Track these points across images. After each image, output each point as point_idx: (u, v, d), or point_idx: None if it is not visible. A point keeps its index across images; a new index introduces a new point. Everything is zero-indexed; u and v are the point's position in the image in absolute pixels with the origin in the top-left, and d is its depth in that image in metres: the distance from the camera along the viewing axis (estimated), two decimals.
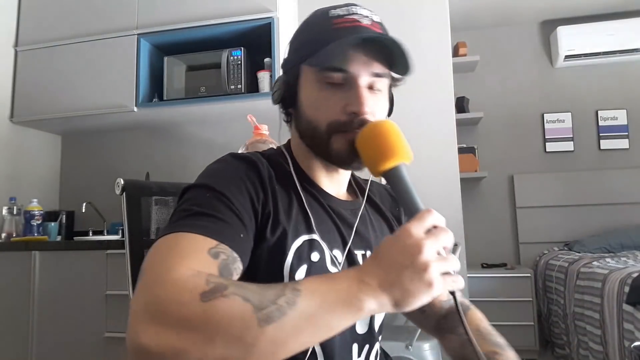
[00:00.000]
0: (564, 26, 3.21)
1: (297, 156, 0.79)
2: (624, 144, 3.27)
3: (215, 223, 0.60)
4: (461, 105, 3.21)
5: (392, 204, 0.91)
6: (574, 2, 3.16)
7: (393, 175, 0.62)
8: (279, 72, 2.13)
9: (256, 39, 2.22)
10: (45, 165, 2.67)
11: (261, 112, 2.26)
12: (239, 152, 0.77)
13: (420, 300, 0.50)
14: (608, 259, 2.49)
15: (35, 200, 2.34)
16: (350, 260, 0.76)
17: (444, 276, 0.51)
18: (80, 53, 2.35)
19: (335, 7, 0.73)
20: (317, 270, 0.70)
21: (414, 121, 2.32)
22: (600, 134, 3.30)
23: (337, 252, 0.75)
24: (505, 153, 3.40)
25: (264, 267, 0.68)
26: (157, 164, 2.61)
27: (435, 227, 0.54)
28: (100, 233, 2.52)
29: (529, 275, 2.88)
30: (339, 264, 0.74)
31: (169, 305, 0.47)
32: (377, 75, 0.71)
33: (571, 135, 3.33)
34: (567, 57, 3.23)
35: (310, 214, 0.73)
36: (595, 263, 2.37)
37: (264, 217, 0.68)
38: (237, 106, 2.24)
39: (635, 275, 1.85)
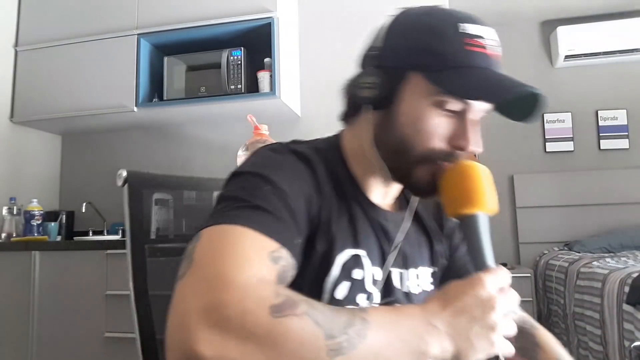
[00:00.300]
0: (564, 26, 3.21)
1: (351, 157, 0.71)
2: (624, 144, 3.27)
3: (275, 223, 0.54)
4: None
5: (436, 213, 0.82)
6: (574, 2, 3.16)
7: (470, 223, 0.59)
8: (279, 72, 2.14)
9: (256, 39, 2.22)
10: (45, 165, 2.67)
11: (261, 112, 2.27)
12: (275, 143, 0.69)
13: (478, 357, 0.49)
14: (608, 259, 2.48)
15: (35, 200, 2.34)
16: (387, 279, 0.70)
17: (501, 341, 0.51)
18: (80, 53, 2.35)
19: (463, 18, 0.64)
20: (357, 289, 0.65)
21: None
22: (600, 134, 3.30)
23: (376, 270, 0.69)
24: (505, 153, 3.39)
25: (305, 278, 0.62)
26: (157, 164, 2.61)
27: (507, 288, 0.53)
28: (100, 233, 2.52)
29: (529, 275, 2.87)
30: (377, 283, 0.69)
31: (234, 313, 0.42)
32: (491, 110, 0.65)
33: (571, 135, 3.32)
34: (567, 57, 3.22)
35: (357, 226, 0.67)
36: (595, 263, 2.37)
37: (316, 224, 0.63)
38: (237, 106, 2.24)
39: (635, 275, 1.85)
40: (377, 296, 0.68)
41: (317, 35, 2.51)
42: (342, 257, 0.65)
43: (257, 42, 2.22)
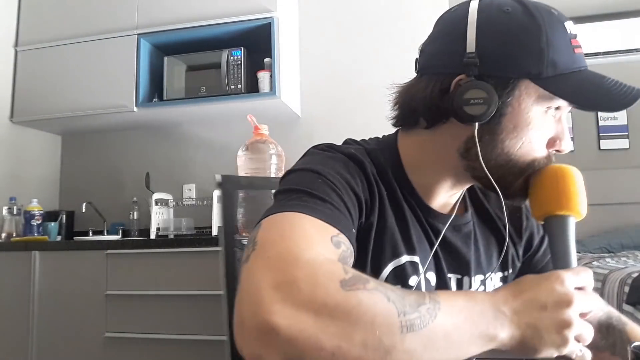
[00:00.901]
0: None
1: (411, 162, 0.68)
2: (624, 144, 3.27)
3: (333, 211, 0.54)
4: None
5: (514, 214, 0.77)
6: (574, 2, 3.16)
7: (560, 225, 0.57)
8: (279, 72, 2.14)
9: (256, 39, 2.22)
10: (45, 165, 2.67)
11: (261, 112, 2.27)
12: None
13: (544, 353, 0.48)
14: (608, 259, 2.49)
15: (35, 200, 2.34)
16: (443, 285, 0.68)
17: (575, 341, 0.49)
18: (80, 53, 2.35)
19: (563, 16, 0.60)
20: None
21: None
22: (600, 134, 3.30)
23: (430, 275, 0.67)
24: None
25: None
26: (157, 164, 2.61)
27: (583, 288, 0.51)
28: (100, 233, 2.52)
29: None
30: (432, 288, 0.67)
31: (305, 286, 0.41)
32: None
33: (571, 135, 3.33)
34: None
35: (411, 232, 0.66)
36: (595, 263, 2.37)
37: (368, 225, 0.62)
38: (237, 106, 2.24)
39: (635, 275, 1.85)
40: None
41: (317, 35, 2.51)
42: (393, 263, 0.64)
43: (257, 42, 2.22)
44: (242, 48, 2.20)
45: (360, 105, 2.42)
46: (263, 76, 2.20)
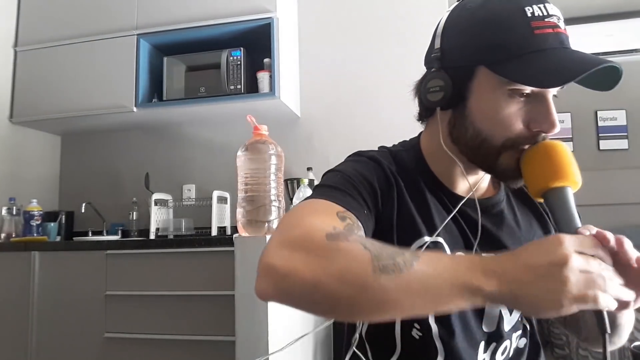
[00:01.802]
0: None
1: (429, 156, 0.76)
2: (623, 144, 3.27)
3: (345, 196, 0.64)
4: None
5: None
6: (574, 2, 3.16)
7: (560, 195, 0.58)
8: (279, 72, 2.14)
9: (256, 39, 2.22)
10: (45, 165, 2.67)
11: (261, 112, 2.27)
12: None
13: (544, 314, 0.48)
14: None
15: (34, 200, 2.34)
16: None
17: (586, 296, 0.46)
18: (80, 53, 2.35)
19: (527, 0, 0.62)
20: None
21: (414, 121, 2.32)
22: (600, 134, 3.30)
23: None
24: None
25: None
26: (157, 164, 2.61)
27: (592, 255, 0.49)
28: (100, 233, 2.52)
29: None
30: None
31: (299, 237, 0.53)
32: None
33: (570, 136, 3.32)
34: None
35: (434, 216, 0.71)
36: None
37: (388, 213, 0.69)
38: (237, 106, 2.24)
39: None
40: None
41: (317, 36, 2.51)
42: (416, 244, 0.69)
43: (256, 42, 2.22)
44: (242, 48, 2.20)
45: (360, 106, 2.43)
46: (263, 76, 2.20)
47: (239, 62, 2.18)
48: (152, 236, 2.26)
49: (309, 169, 2.28)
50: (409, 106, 2.69)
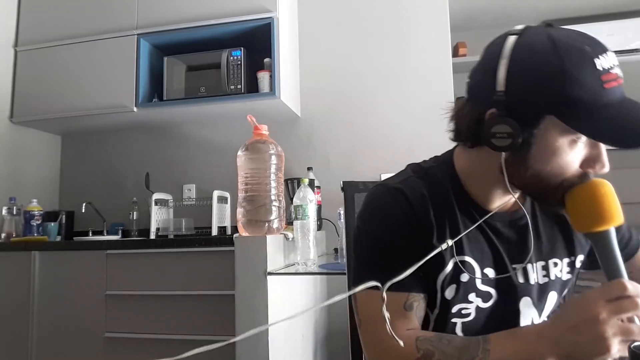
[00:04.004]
0: (563, 26, 3.21)
1: (466, 175, 0.77)
2: None
3: (395, 274, 0.65)
4: None
5: None
6: (574, 2, 3.16)
7: (603, 238, 0.63)
8: (279, 72, 2.14)
9: (256, 39, 2.22)
10: (45, 165, 2.67)
11: (261, 112, 2.27)
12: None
13: None
14: None
15: (35, 200, 2.34)
16: (506, 277, 0.76)
17: (623, 342, 0.54)
18: (80, 53, 2.35)
19: (595, 51, 0.62)
20: (467, 289, 0.74)
21: (414, 121, 2.32)
22: None
23: (488, 270, 0.76)
24: None
25: (425, 278, 0.74)
26: (157, 164, 2.61)
27: (624, 297, 0.55)
28: (100, 233, 2.52)
29: None
30: (491, 282, 0.76)
31: None
32: None
33: None
34: None
35: (463, 236, 0.74)
36: None
37: (424, 246, 0.72)
38: (237, 106, 2.24)
39: None
40: (493, 293, 0.76)
41: (317, 35, 2.51)
42: (449, 264, 0.73)
43: (257, 42, 2.22)
44: (242, 48, 2.20)
45: (360, 106, 2.42)
46: (263, 76, 2.20)
47: (239, 62, 2.18)
48: (152, 236, 2.26)
49: (309, 168, 2.28)
50: (409, 106, 2.71)
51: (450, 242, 0.70)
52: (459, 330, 0.76)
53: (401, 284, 0.63)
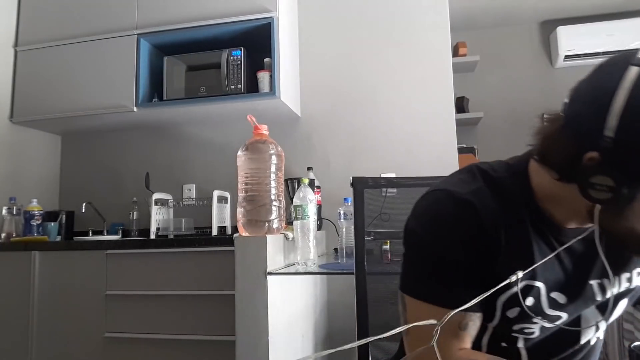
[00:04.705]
0: (563, 26, 3.21)
1: (544, 195, 0.68)
2: None
3: (458, 293, 0.63)
4: (461, 105, 3.21)
5: None
6: (573, 2, 3.16)
7: None
8: (279, 72, 2.14)
9: (256, 39, 2.22)
10: (45, 165, 2.67)
11: (261, 112, 2.27)
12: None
13: None
14: None
15: (35, 200, 2.34)
16: (582, 293, 0.70)
17: None
18: (80, 53, 2.35)
19: None
20: (532, 312, 0.68)
21: (414, 121, 2.32)
22: None
23: (557, 295, 0.70)
24: (505, 153, 3.36)
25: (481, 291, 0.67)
26: (157, 164, 2.61)
27: None
28: (100, 233, 2.52)
29: None
30: (561, 305, 0.70)
31: None
32: None
33: None
34: (566, 57, 3.22)
35: (535, 255, 0.67)
36: None
37: (489, 263, 0.66)
38: (237, 106, 2.24)
39: None
40: (564, 316, 0.71)
41: (317, 35, 2.51)
42: (515, 286, 0.67)
43: (257, 42, 2.22)
44: (242, 48, 2.20)
45: (360, 106, 2.43)
46: (263, 76, 2.20)
47: (239, 62, 2.18)
48: (152, 236, 2.26)
49: (309, 168, 2.28)
50: (409, 106, 2.71)
51: (520, 274, 0.62)
52: (521, 343, 0.72)
53: (458, 302, 0.58)
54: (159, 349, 1.77)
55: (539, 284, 0.68)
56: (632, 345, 0.53)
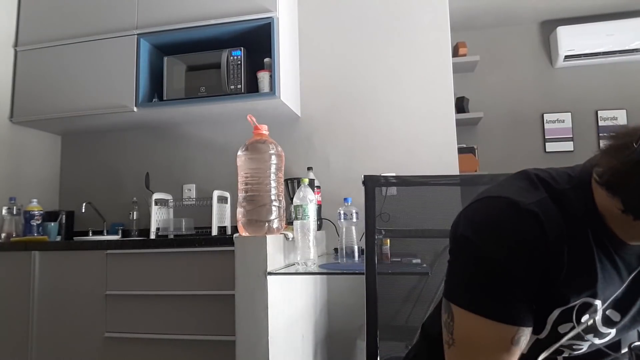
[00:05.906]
0: (563, 26, 3.21)
1: (610, 216, 0.65)
2: None
3: (508, 307, 0.62)
4: (461, 105, 3.21)
5: None
6: (574, 2, 3.16)
7: None
8: (279, 72, 2.14)
9: (256, 39, 2.22)
10: (45, 165, 2.67)
11: (261, 112, 2.27)
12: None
13: None
14: None
15: (35, 200, 2.34)
16: (629, 312, 0.69)
17: None
18: (80, 53, 2.35)
19: None
20: (585, 330, 0.67)
21: (414, 121, 2.32)
22: (600, 134, 3.30)
23: (613, 314, 0.69)
24: (505, 153, 3.40)
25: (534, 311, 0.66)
26: (157, 164, 2.61)
27: None
28: (100, 233, 2.52)
29: None
30: (613, 323, 0.69)
31: None
32: None
33: (571, 136, 3.33)
34: (566, 57, 3.23)
35: (597, 272, 0.65)
36: None
37: (549, 280, 0.64)
38: (237, 106, 2.24)
39: None
40: (613, 332, 0.70)
41: (317, 35, 2.51)
42: (571, 302, 0.66)
43: (257, 42, 2.22)
44: (242, 48, 2.20)
45: (360, 106, 2.43)
46: (263, 76, 2.20)
47: (239, 62, 2.18)
48: (152, 236, 2.26)
49: (309, 168, 2.28)
50: (409, 106, 2.71)
51: (588, 320, 0.63)
52: (561, 356, 0.72)
53: (513, 316, 0.59)
54: (159, 349, 1.77)
55: (597, 302, 0.66)
56: (632, 345, 0.53)
